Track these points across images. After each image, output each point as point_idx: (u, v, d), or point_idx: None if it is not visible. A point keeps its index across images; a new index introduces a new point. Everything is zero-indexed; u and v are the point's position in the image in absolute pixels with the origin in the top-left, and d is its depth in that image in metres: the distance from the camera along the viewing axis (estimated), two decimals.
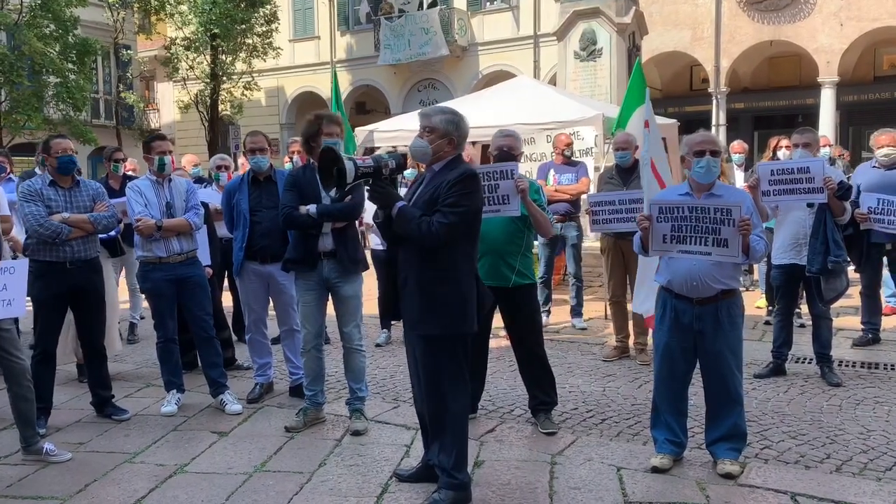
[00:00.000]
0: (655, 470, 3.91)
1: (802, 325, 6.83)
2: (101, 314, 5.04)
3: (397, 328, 7.25)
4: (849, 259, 5.38)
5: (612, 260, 6.24)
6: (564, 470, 3.99)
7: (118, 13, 21.78)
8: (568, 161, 7.60)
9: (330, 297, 4.74)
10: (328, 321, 4.85)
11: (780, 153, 7.59)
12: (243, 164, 7.14)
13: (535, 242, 6.87)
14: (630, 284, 6.27)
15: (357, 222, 6.71)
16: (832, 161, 7.03)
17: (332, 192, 3.56)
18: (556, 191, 7.25)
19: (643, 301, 5.68)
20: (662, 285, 4.01)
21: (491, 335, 4.99)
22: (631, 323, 6.31)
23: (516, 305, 4.55)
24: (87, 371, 5.22)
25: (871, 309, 6.51)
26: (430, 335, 3.49)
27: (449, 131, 3.54)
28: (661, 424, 4.04)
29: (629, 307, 6.33)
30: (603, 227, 6.06)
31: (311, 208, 4.50)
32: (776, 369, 5.65)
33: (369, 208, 6.75)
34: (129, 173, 7.56)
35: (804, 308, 6.55)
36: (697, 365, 4.00)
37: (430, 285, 3.46)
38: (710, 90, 21.22)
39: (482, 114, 9.32)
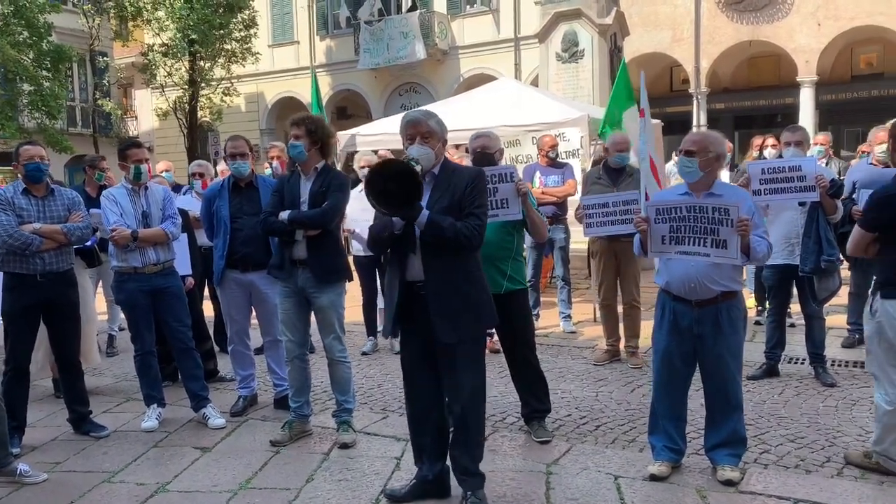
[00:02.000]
0: (654, 478, 3.81)
1: (793, 325, 6.77)
2: (75, 328, 4.85)
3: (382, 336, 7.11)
4: (842, 258, 5.29)
5: (605, 263, 6.11)
6: (561, 480, 3.88)
7: (93, 19, 21.48)
8: (553, 163, 7.50)
9: None
10: (312, 330, 4.71)
11: (766, 152, 7.54)
12: (222, 171, 6.97)
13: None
14: (621, 287, 6.17)
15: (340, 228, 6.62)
16: (828, 160, 6.96)
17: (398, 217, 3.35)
18: (542, 193, 7.15)
19: None
20: (661, 287, 3.91)
21: None
22: (622, 326, 6.22)
23: (509, 312, 4.42)
24: (62, 387, 5.04)
25: (859, 309, 6.41)
26: (470, 336, 3.45)
27: (441, 134, 3.53)
28: (659, 430, 3.93)
29: (619, 310, 6.24)
30: (597, 231, 5.88)
31: (284, 214, 4.37)
32: (770, 370, 5.57)
33: (350, 214, 6.66)
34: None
35: (793, 308, 6.49)
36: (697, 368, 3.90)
37: (464, 286, 3.43)
38: (690, 91, 21.28)
39: (467, 116, 9.23)
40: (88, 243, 5.57)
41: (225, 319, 5.35)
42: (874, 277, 3.92)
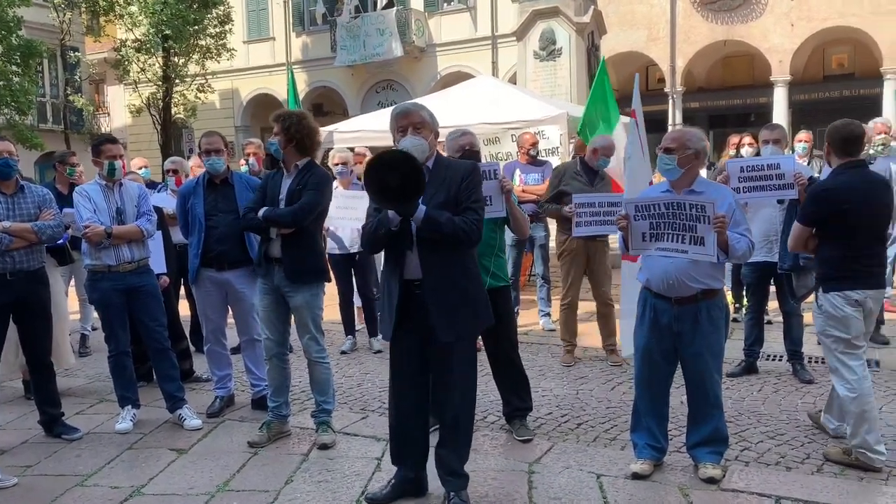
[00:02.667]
0: (636, 476, 3.79)
1: (769, 322, 6.81)
2: (46, 327, 4.73)
3: (362, 334, 7.05)
4: None
5: (577, 262, 6.09)
6: (543, 479, 3.85)
7: (64, 14, 21.09)
8: (533, 161, 7.49)
9: None
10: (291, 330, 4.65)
11: (744, 151, 7.58)
12: (193, 168, 6.84)
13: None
14: (595, 287, 6.18)
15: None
16: (810, 158, 7.03)
17: (392, 213, 3.26)
18: (522, 191, 7.12)
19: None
20: (642, 284, 3.90)
21: None
22: (598, 324, 6.22)
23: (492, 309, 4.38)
24: (33, 388, 4.91)
25: None
26: (468, 334, 3.43)
27: (434, 125, 3.48)
28: (641, 428, 3.92)
29: (582, 309, 6.25)
30: (586, 231, 5.77)
31: (261, 211, 4.30)
32: (748, 367, 5.60)
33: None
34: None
35: (770, 305, 6.53)
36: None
37: (462, 283, 3.39)
38: (666, 90, 21.41)
39: (445, 114, 9.14)
40: (60, 241, 5.45)
41: (200, 319, 5.26)
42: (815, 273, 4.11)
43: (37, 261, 4.62)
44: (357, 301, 7.01)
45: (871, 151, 6.34)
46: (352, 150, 7.77)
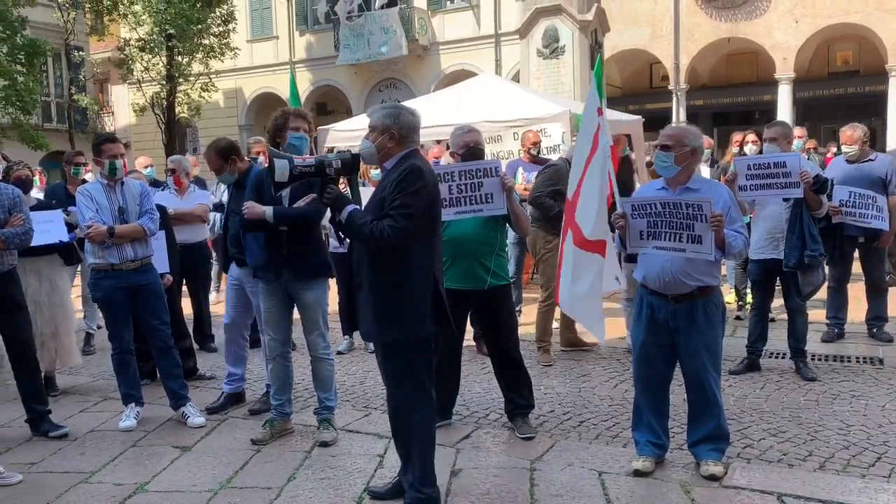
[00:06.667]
0: (637, 473, 3.79)
1: (772, 320, 6.79)
2: (23, 322, 4.72)
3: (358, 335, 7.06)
4: (823, 253, 5.32)
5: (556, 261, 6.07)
6: (545, 476, 3.86)
7: (68, 13, 21.16)
8: (536, 159, 7.48)
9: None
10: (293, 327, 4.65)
11: (747, 148, 7.55)
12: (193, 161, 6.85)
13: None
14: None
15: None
16: (808, 154, 7.02)
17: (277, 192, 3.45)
18: (524, 189, 7.11)
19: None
20: (639, 282, 3.90)
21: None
22: (538, 320, 6.24)
23: (493, 307, 4.40)
24: (18, 385, 4.83)
25: (838, 303, 6.47)
26: (385, 342, 3.41)
27: (387, 126, 3.35)
28: (643, 426, 3.92)
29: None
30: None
31: (268, 211, 4.29)
32: (751, 365, 5.59)
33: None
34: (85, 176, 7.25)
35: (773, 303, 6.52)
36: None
37: (382, 290, 3.32)
38: (670, 87, 21.35)
39: (449, 112, 9.18)
40: (67, 239, 5.48)
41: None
42: None
43: (5, 264, 4.59)
44: None
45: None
46: (348, 149, 7.76)
